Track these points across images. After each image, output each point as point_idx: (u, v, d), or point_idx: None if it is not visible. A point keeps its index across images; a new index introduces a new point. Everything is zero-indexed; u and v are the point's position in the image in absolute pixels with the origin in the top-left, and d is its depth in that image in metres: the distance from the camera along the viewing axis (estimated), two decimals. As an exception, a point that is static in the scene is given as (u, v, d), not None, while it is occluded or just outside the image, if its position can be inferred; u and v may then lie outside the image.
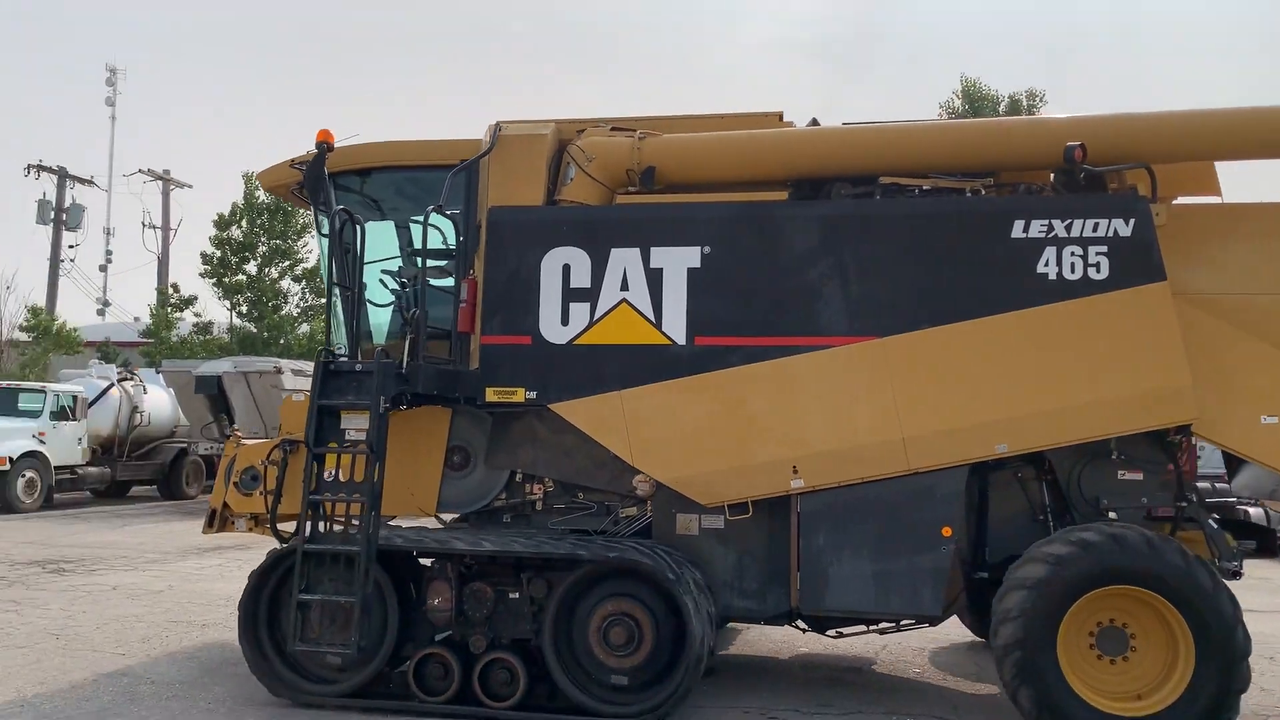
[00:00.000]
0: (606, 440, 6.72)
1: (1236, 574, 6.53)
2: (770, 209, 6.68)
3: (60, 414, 19.31)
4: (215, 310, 35.36)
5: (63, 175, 38.81)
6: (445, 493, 7.31)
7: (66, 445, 19.39)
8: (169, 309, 32.06)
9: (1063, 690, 5.73)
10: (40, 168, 38.08)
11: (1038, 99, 28.06)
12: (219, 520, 7.76)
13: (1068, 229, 6.22)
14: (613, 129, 7.18)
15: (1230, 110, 6.41)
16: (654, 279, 6.70)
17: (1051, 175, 6.68)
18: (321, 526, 6.24)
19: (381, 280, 7.62)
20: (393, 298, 7.57)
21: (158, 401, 21.81)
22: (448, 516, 7.60)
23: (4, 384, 20.12)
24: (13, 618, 8.92)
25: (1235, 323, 6.39)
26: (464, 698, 6.27)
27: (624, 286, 6.73)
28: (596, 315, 6.76)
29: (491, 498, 7.31)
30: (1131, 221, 6.17)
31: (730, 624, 8.31)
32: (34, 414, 18.92)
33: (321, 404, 6.26)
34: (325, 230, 7.45)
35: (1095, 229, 6.19)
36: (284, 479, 7.33)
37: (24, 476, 18.29)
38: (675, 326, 6.65)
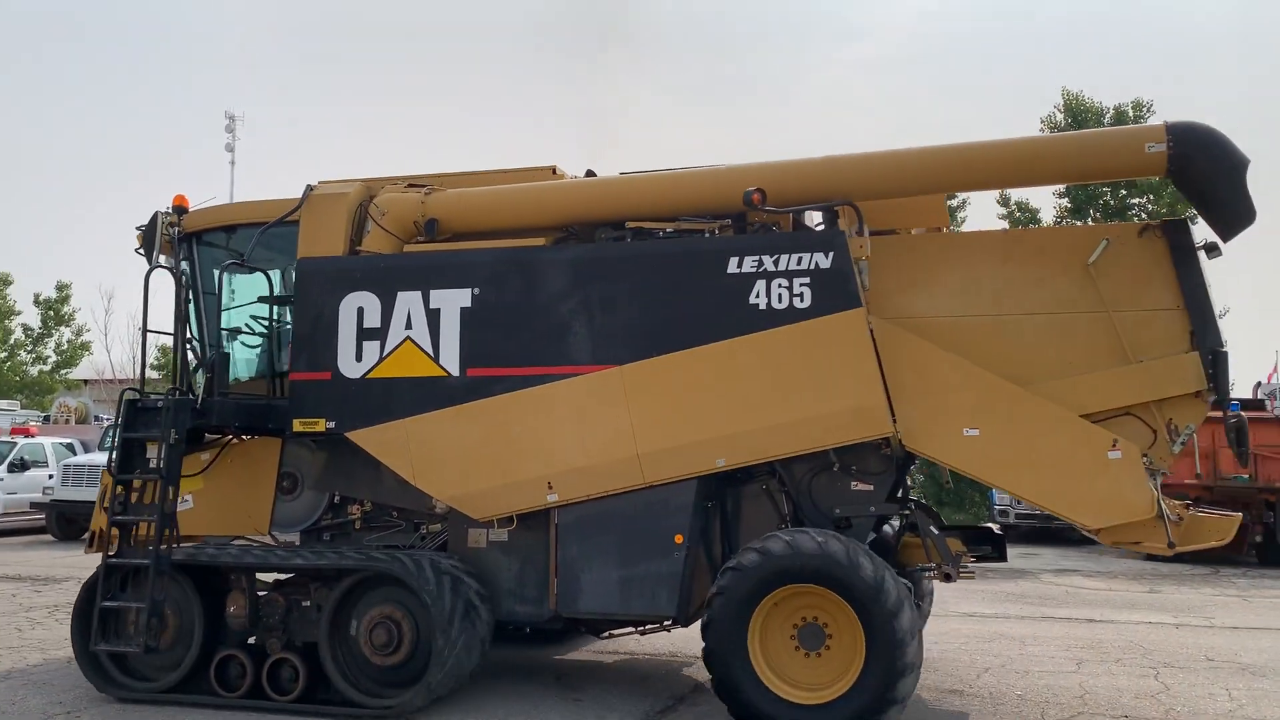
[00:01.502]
0: (393, 464, 7.54)
1: (948, 577, 7.08)
2: (529, 254, 7.47)
3: None
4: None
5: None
6: (277, 514, 8.21)
7: None
8: None
9: (750, 679, 6.35)
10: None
11: (1144, 109, 26.75)
12: (98, 541, 8.77)
13: (775, 263, 6.88)
14: (408, 185, 8.06)
15: (923, 149, 7.01)
16: (433, 318, 7.53)
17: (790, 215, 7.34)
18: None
19: (248, 325, 8.61)
20: (261, 341, 8.56)
21: None
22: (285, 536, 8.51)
23: None
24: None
25: (947, 343, 6.97)
26: (259, 693, 7.11)
27: (408, 325, 7.57)
28: (385, 352, 7.61)
29: (316, 518, 8.18)
30: (830, 254, 6.80)
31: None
32: None
33: (126, 436, 7.22)
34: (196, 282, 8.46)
35: (799, 262, 6.84)
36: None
37: None
38: (450, 360, 7.46)
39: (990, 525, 8.52)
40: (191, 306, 8.35)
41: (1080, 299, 6.92)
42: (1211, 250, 6.88)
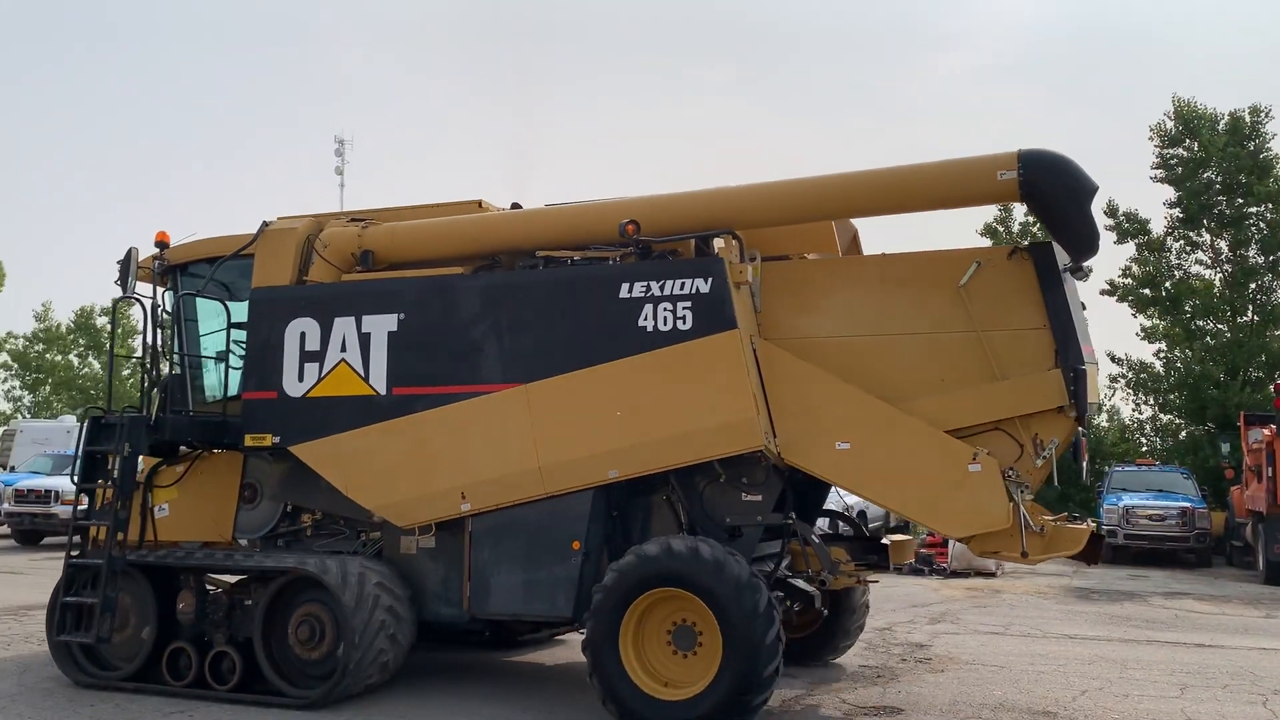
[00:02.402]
0: (329, 476, 8.23)
1: (823, 584, 7.45)
2: (446, 281, 8.10)
3: None
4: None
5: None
6: (240, 521, 8.95)
7: None
8: None
9: (619, 674, 6.84)
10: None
11: (1263, 114, 26.22)
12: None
13: (661, 288, 7.38)
14: (350, 220, 8.79)
15: (796, 180, 7.45)
16: (364, 341, 8.21)
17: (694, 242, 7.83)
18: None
19: (231, 349, 9.42)
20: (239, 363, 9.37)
21: None
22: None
23: None
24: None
25: (833, 362, 7.37)
26: (204, 683, 7.85)
27: (343, 348, 8.26)
28: (323, 372, 8.31)
29: (273, 525, 8.90)
30: (710, 280, 7.27)
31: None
32: None
33: (87, 449, 8.06)
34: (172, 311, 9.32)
35: (682, 287, 7.33)
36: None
37: None
38: (379, 379, 8.13)
39: (882, 537, 8.77)
40: (172, 332, 9.19)
41: (953, 319, 7.26)
42: (1076, 272, 7.17)
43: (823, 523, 9.35)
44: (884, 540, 8.46)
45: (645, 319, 7.40)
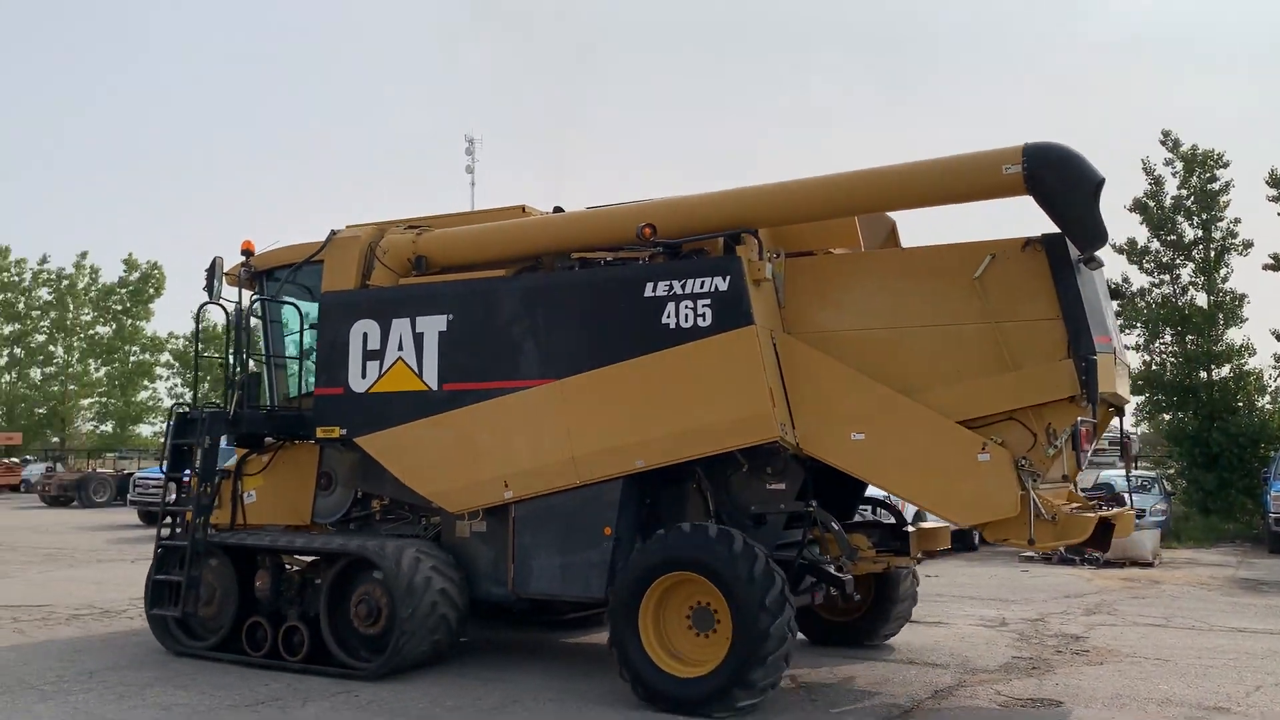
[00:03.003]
0: (389, 465, 8.89)
1: (840, 569, 7.68)
2: (490, 284, 8.63)
3: None
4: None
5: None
6: (317, 506, 9.73)
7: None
8: None
9: (636, 648, 7.25)
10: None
11: None
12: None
13: (683, 287, 7.73)
14: (407, 227, 9.41)
15: (811, 179, 7.67)
16: (419, 341, 8.82)
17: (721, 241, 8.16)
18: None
19: (306, 349, 10.23)
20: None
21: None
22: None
23: None
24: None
25: (852, 355, 7.60)
26: (277, 655, 8.62)
27: (400, 347, 8.90)
28: (383, 370, 8.97)
29: (346, 510, 9.65)
30: (728, 278, 7.59)
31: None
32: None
33: (174, 442, 8.92)
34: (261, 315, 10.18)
35: (702, 285, 7.67)
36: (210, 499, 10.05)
37: None
38: (431, 376, 8.73)
39: (907, 525, 8.87)
40: (245, 335, 10.03)
41: (968, 311, 7.39)
42: (1089, 263, 7.20)
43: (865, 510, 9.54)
44: (907, 529, 8.59)
45: (668, 316, 7.76)
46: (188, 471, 9.20)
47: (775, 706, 7.38)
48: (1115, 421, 8.40)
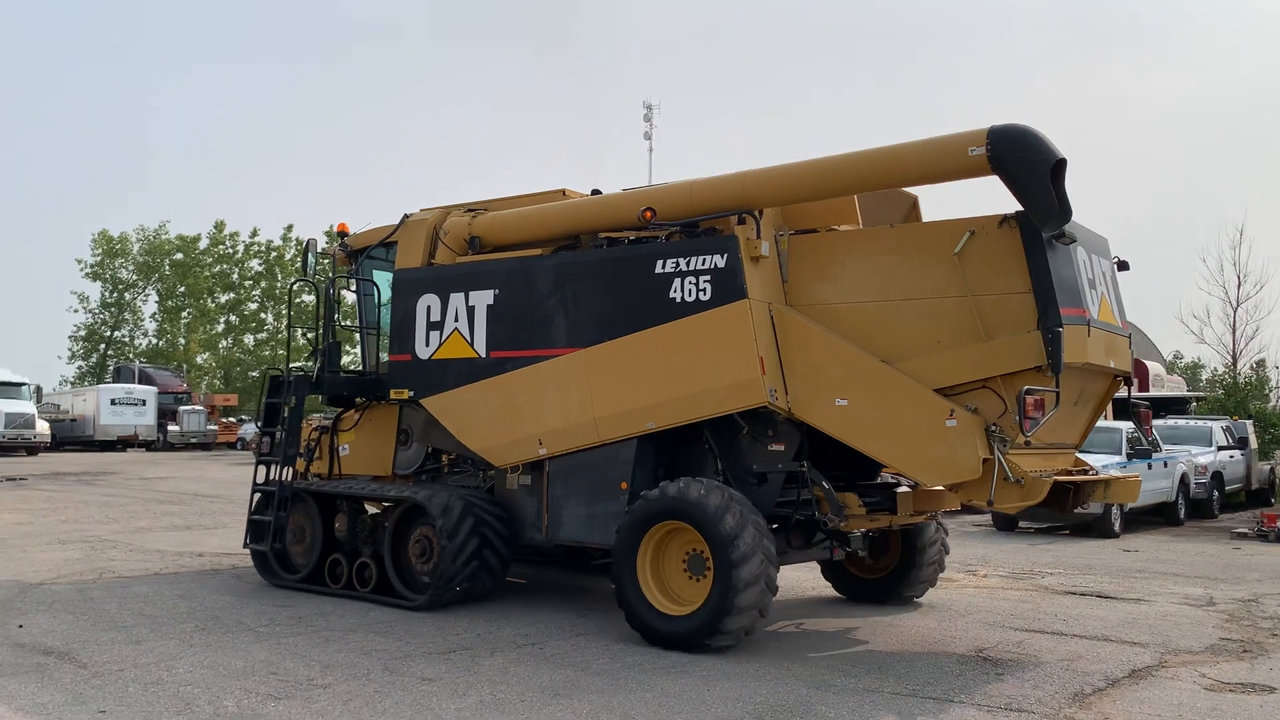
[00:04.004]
0: (446, 423, 10.01)
1: (826, 524, 8.26)
2: (529, 261, 9.56)
3: None
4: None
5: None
6: (397, 459, 11.00)
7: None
8: None
9: (633, 586, 8.10)
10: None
11: None
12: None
13: (688, 264, 8.44)
14: (465, 210, 10.44)
15: (803, 162, 8.20)
16: (471, 313, 9.87)
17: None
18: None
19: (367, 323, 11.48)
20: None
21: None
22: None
23: None
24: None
25: (846, 326, 8.15)
26: (351, 586, 9.93)
27: (456, 319, 9.98)
28: (443, 339, 10.07)
29: (420, 463, 10.86)
30: (725, 256, 8.25)
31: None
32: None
33: (268, 401, 10.31)
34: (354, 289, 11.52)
35: (703, 263, 8.36)
36: (313, 452, 11.47)
37: None
38: (480, 345, 9.78)
39: (893, 482, 9.28)
40: (358, 308, 11.36)
41: (949, 285, 7.81)
42: (1060, 238, 7.49)
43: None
44: (898, 490, 9.05)
45: (675, 291, 8.50)
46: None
47: (965, 678, 7.31)
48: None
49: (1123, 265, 8.72)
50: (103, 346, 64.13)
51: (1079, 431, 8.68)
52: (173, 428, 46.23)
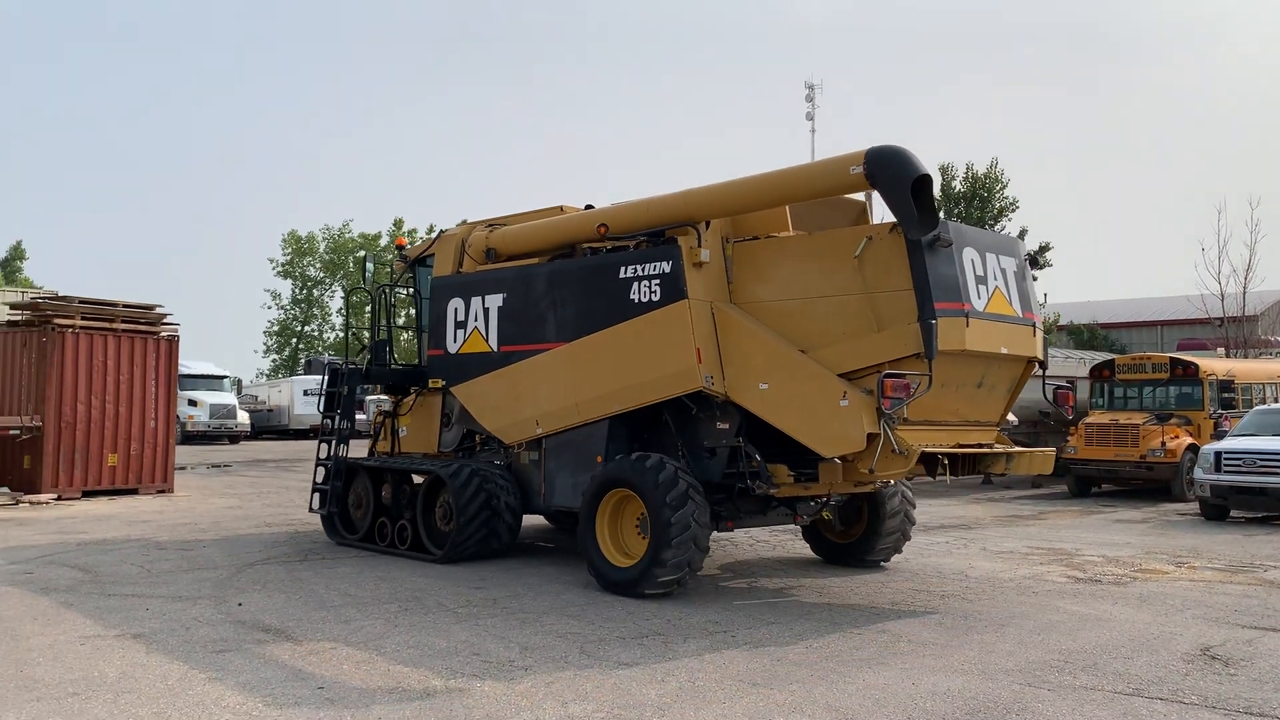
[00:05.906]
0: (470, 409, 11.82)
1: (755, 490, 9.56)
2: (530, 269, 11.24)
3: None
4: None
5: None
6: (441, 439, 12.89)
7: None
8: None
9: (593, 543, 9.67)
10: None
11: None
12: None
13: (643, 269, 9.93)
14: (486, 225, 12.21)
15: (725, 183, 9.56)
16: (487, 314, 11.65)
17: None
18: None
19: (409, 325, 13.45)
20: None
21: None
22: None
23: None
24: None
25: (775, 321, 9.47)
26: (393, 545, 11.88)
27: (476, 319, 11.78)
28: (466, 336, 11.89)
29: (459, 442, 12.73)
30: (670, 262, 9.70)
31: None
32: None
33: (327, 390, 12.39)
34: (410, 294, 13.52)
35: (655, 269, 9.83)
36: (379, 432, 13.52)
37: None
38: (494, 341, 11.54)
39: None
40: (413, 312, 13.35)
41: (852, 284, 9.02)
42: (937, 242, 8.60)
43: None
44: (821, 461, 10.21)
45: (635, 293, 10.01)
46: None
47: (1193, 678, 6.90)
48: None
49: (1034, 262, 9.67)
50: (294, 340, 67.55)
51: (996, 411, 9.71)
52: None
